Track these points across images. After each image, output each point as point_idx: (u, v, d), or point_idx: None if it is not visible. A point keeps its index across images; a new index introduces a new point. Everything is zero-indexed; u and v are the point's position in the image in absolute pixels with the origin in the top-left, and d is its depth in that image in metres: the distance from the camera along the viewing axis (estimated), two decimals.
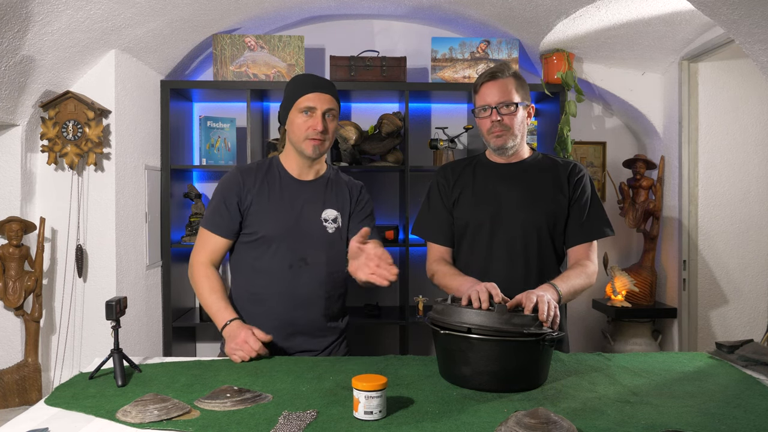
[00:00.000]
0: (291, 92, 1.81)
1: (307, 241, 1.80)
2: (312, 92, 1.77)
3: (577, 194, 1.86)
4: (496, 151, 1.87)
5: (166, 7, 2.62)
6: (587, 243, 1.86)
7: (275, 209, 1.80)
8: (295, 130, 1.79)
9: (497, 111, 1.80)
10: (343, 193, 1.89)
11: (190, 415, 1.24)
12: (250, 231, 1.81)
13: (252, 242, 1.81)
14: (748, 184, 3.18)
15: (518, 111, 1.81)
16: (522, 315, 1.43)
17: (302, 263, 1.80)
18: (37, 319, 2.52)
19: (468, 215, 1.88)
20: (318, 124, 1.76)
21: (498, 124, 1.80)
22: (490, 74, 1.82)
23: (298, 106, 1.78)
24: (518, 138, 1.84)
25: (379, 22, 3.48)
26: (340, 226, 1.85)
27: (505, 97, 1.79)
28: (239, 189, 1.81)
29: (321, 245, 1.82)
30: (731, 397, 1.35)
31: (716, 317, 3.18)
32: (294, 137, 1.80)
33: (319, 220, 1.83)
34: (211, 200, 1.85)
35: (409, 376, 1.51)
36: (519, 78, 1.85)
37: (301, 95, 1.78)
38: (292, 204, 1.81)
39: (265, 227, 1.79)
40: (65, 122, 2.57)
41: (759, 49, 2.06)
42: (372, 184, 3.50)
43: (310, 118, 1.77)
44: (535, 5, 2.84)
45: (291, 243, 1.79)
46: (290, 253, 1.79)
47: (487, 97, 1.81)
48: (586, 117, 3.56)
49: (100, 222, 2.69)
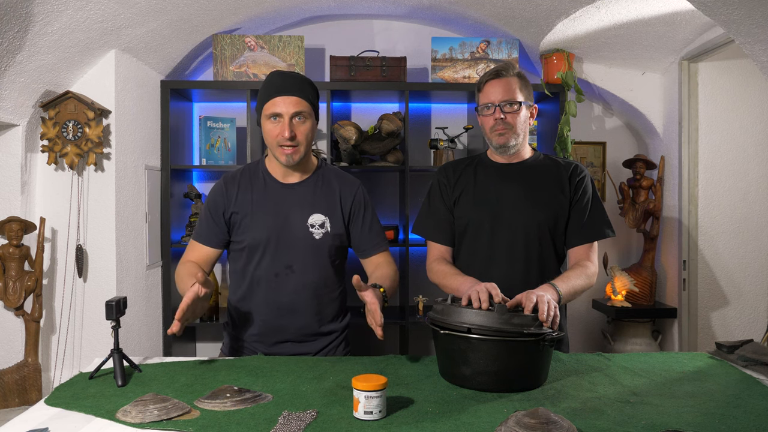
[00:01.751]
0: (260, 96, 1.74)
1: (293, 249, 1.75)
2: (276, 96, 1.68)
3: (578, 195, 1.86)
4: (498, 149, 1.86)
5: (166, 7, 2.62)
6: (588, 244, 1.86)
7: (260, 217, 1.76)
8: (266, 137, 1.73)
9: (500, 109, 1.80)
10: (333, 194, 1.81)
11: (190, 415, 1.24)
12: (238, 239, 1.79)
13: (240, 250, 1.80)
14: (748, 184, 3.18)
15: (521, 110, 1.81)
16: (522, 315, 1.43)
17: (288, 271, 1.76)
18: (37, 319, 2.52)
19: (468, 215, 1.88)
20: (285, 130, 1.67)
21: (501, 122, 1.80)
22: (495, 72, 1.82)
23: (265, 112, 1.71)
24: (520, 137, 1.85)
25: (379, 22, 3.48)
26: (328, 230, 1.78)
27: (509, 96, 1.79)
28: (223, 199, 1.79)
29: (307, 252, 1.76)
30: (731, 397, 1.35)
31: (716, 317, 3.18)
32: (267, 144, 1.75)
33: (306, 226, 1.76)
34: (200, 210, 1.85)
35: (409, 376, 1.51)
36: (522, 78, 1.85)
37: (266, 100, 1.70)
38: (277, 210, 1.76)
39: (250, 235, 1.76)
40: (65, 122, 2.57)
41: (759, 49, 2.06)
42: (372, 184, 3.50)
43: (278, 124, 1.69)
44: (535, 5, 2.84)
45: (276, 251, 1.75)
46: (276, 261, 1.75)
47: (490, 95, 1.81)
48: (586, 117, 3.56)
49: (100, 222, 2.69)
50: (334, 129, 3.14)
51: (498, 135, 1.82)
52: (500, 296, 1.49)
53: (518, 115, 1.81)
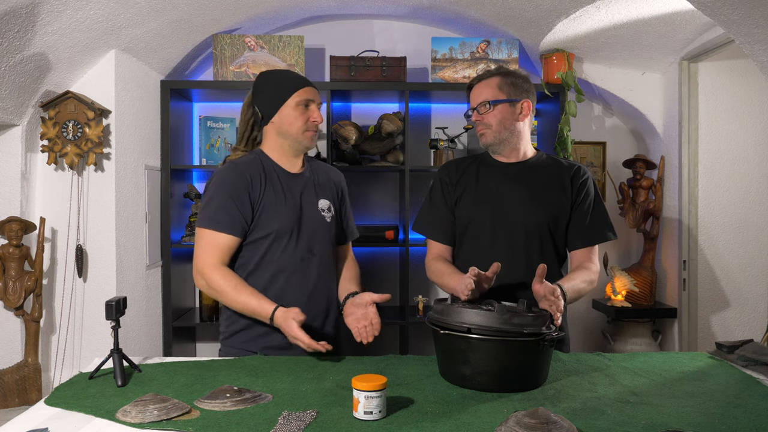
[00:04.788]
0: (282, 87, 1.81)
1: (312, 233, 1.83)
2: (307, 86, 1.83)
3: (581, 197, 1.86)
4: (488, 149, 1.92)
5: (166, 7, 2.62)
6: (590, 247, 1.86)
7: (282, 204, 1.79)
8: (292, 122, 1.80)
9: (477, 111, 1.87)
10: (329, 181, 1.95)
11: (190, 415, 1.24)
12: (261, 227, 1.77)
13: (261, 239, 1.78)
14: (748, 184, 3.18)
15: (497, 107, 1.83)
16: (522, 315, 1.43)
17: (311, 255, 1.82)
18: (37, 319, 2.52)
19: (470, 214, 1.88)
20: (319, 116, 1.83)
21: (479, 123, 1.87)
22: (477, 78, 1.90)
23: (296, 99, 1.80)
24: (503, 134, 1.85)
25: (379, 22, 3.48)
26: (333, 214, 1.91)
27: (482, 97, 1.86)
28: (247, 184, 1.76)
29: (323, 235, 1.86)
30: (731, 397, 1.35)
31: (716, 317, 3.18)
32: (291, 130, 1.80)
33: (318, 211, 1.86)
34: (210, 198, 1.76)
35: (409, 376, 1.51)
36: (507, 75, 1.87)
37: (297, 89, 1.81)
38: (294, 197, 1.82)
39: (277, 223, 1.77)
40: (65, 122, 2.57)
41: (759, 49, 2.06)
42: (372, 184, 3.51)
43: (308, 110, 1.82)
44: (535, 5, 2.84)
45: (300, 236, 1.80)
46: (300, 246, 1.80)
47: (471, 100, 1.91)
48: (586, 117, 3.56)
49: (100, 222, 2.69)
50: (334, 129, 3.14)
51: (479, 135, 1.89)
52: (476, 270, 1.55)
53: (493, 113, 1.84)
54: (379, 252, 3.50)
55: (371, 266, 3.49)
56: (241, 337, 1.80)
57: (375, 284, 3.45)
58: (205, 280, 1.72)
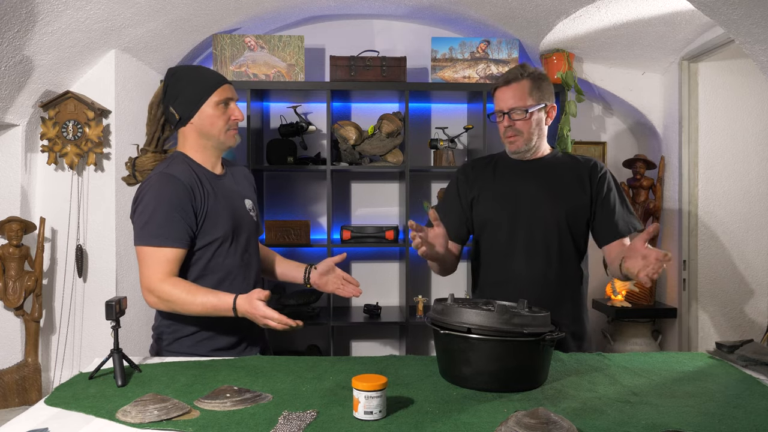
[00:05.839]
0: (200, 86, 1.76)
1: (246, 233, 1.84)
2: (225, 84, 1.80)
3: (603, 192, 1.87)
4: (512, 154, 1.92)
5: (166, 7, 2.62)
6: (623, 238, 1.86)
7: (222, 209, 1.77)
8: (214, 122, 1.76)
9: (509, 116, 1.84)
10: (245, 180, 1.95)
11: (190, 415, 1.24)
12: (206, 234, 1.74)
13: (206, 246, 1.74)
14: (748, 183, 3.18)
15: (532, 116, 1.84)
16: (522, 315, 1.43)
17: (248, 255, 1.84)
18: (37, 319, 2.52)
19: (488, 212, 1.90)
20: (240, 113, 1.80)
21: (510, 129, 1.85)
22: (504, 79, 1.86)
23: (215, 99, 1.76)
24: (533, 141, 1.87)
25: (379, 22, 3.48)
26: (256, 212, 1.93)
27: (517, 103, 1.83)
28: (190, 195, 1.70)
29: (253, 234, 1.88)
30: (731, 397, 1.35)
31: (716, 317, 3.18)
32: (212, 131, 1.76)
33: (247, 211, 1.87)
34: (150, 214, 1.66)
35: (409, 376, 1.51)
36: (537, 78, 1.85)
37: (215, 88, 1.77)
38: (227, 200, 1.80)
39: (221, 228, 1.75)
40: (65, 122, 2.57)
41: (759, 49, 2.06)
42: (372, 184, 3.51)
43: (228, 109, 1.79)
44: (535, 5, 2.84)
45: (239, 239, 1.81)
46: (239, 248, 1.81)
47: (500, 102, 1.86)
48: (586, 117, 3.56)
49: (100, 222, 2.68)
50: (334, 129, 3.14)
51: (509, 142, 1.88)
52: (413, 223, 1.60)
53: (528, 121, 1.84)
54: (379, 252, 3.50)
55: (371, 266, 3.49)
56: (188, 342, 1.76)
57: (375, 284, 3.46)
58: (155, 296, 1.67)
